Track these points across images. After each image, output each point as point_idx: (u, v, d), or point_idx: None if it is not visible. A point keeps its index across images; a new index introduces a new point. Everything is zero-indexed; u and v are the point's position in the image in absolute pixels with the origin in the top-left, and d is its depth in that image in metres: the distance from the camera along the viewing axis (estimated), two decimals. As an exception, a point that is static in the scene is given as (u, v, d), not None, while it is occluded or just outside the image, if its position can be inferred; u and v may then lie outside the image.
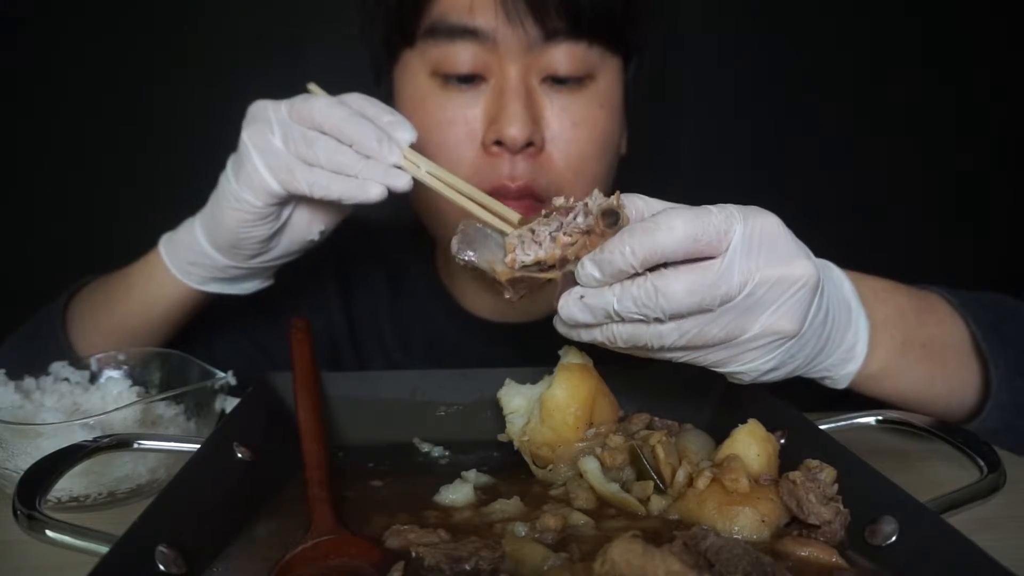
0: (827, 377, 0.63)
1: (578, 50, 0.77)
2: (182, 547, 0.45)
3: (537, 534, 0.52)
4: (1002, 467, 0.55)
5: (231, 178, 0.69)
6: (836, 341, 0.60)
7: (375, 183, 0.65)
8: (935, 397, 0.70)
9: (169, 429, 0.68)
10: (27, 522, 0.47)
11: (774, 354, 0.54)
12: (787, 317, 0.51)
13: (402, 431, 0.71)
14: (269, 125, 0.67)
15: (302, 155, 0.66)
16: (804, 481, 0.52)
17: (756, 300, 0.50)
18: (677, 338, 0.51)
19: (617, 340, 0.54)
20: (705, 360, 0.55)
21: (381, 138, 0.65)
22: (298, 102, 0.67)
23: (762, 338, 0.52)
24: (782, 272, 0.50)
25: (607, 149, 0.82)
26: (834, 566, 0.48)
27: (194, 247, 0.74)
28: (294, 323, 0.74)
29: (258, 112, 0.69)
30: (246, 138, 0.68)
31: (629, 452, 0.60)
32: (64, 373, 0.72)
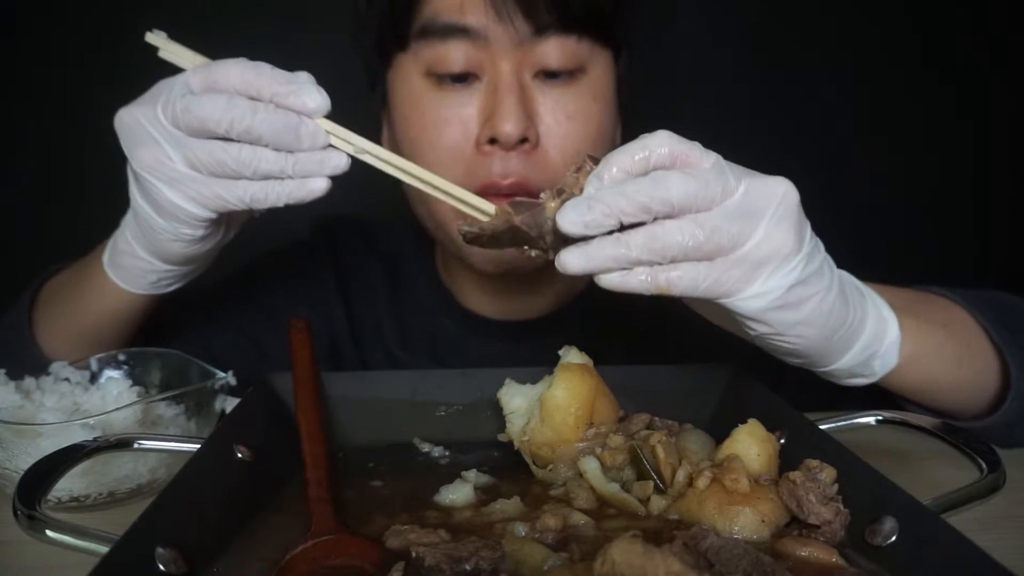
0: (874, 354, 0.62)
1: (568, 43, 0.78)
2: (182, 547, 0.45)
3: (537, 534, 0.52)
4: (1002, 467, 0.55)
5: (152, 214, 0.63)
6: (858, 306, 0.59)
7: (315, 178, 0.59)
8: (963, 382, 0.70)
9: (169, 429, 0.68)
10: (27, 522, 0.47)
11: (790, 273, 0.52)
12: (783, 228, 0.51)
13: (402, 431, 0.70)
14: (159, 147, 0.59)
15: (218, 173, 0.59)
16: (804, 481, 0.52)
17: (753, 203, 0.50)
18: (691, 233, 0.49)
19: (632, 247, 0.50)
20: (725, 282, 0.51)
21: (296, 125, 0.57)
22: (179, 109, 0.57)
23: (767, 249, 0.51)
24: (766, 182, 0.51)
25: (602, 142, 0.83)
26: (834, 566, 0.48)
27: (142, 265, 0.70)
28: (294, 323, 0.74)
29: (133, 129, 0.60)
30: (143, 171, 0.60)
31: (629, 452, 0.60)
32: (64, 373, 0.72)
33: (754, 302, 0.53)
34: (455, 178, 0.75)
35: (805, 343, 0.57)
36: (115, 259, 0.71)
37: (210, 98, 0.57)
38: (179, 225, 0.63)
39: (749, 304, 0.53)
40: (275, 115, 0.57)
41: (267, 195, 0.59)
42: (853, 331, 0.59)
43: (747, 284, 0.52)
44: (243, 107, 0.56)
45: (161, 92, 0.60)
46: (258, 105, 0.57)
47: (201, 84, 0.58)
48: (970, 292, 0.74)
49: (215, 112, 0.56)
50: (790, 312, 0.54)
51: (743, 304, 0.53)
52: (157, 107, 0.59)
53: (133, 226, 0.67)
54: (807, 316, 0.55)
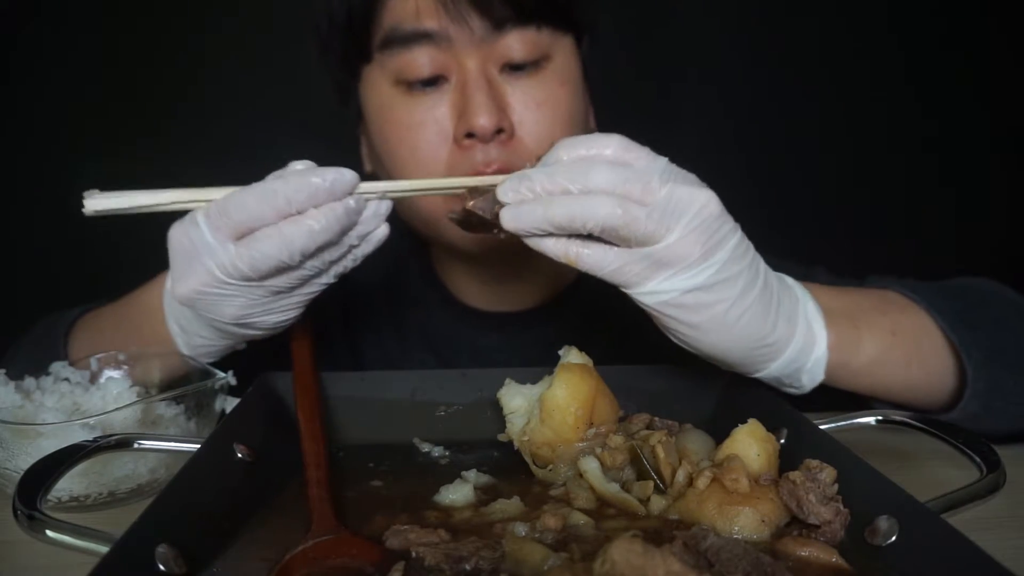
0: (799, 369, 0.64)
1: (529, 34, 0.79)
2: (182, 547, 0.45)
3: (537, 534, 0.52)
4: (1002, 467, 0.55)
5: (256, 333, 0.66)
6: (783, 321, 0.61)
7: (377, 230, 0.62)
8: (916, 384, 0.71)
9: (169, 429, 0.68)
10: (27, 522, 0.47)
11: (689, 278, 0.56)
12: (693, 237, 0.55)
13: (402, 431, 0.71)
14: (237, 298, 0.60)
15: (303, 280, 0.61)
16: (804, 481, 0.52)
17: (673, 207, 0.54)
18: (611, 212, 0.53)
19: (555, 211, 0.54)
20: (627, 273, 0.56)
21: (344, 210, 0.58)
22: (243, 267, 0.57)
23: (678, 250, 0.55)
24: (693, 190, 0.55)
25: (574, 125, 0.84)
26: (834, 566, 0.48)
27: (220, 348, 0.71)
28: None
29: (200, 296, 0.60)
30: (238, 320, 0.62)
31: (629, 452, 0.60)
32: (64, 373, 0.72)
33: (648, 297, 0.57)
34: (438, 176, 0.76)
35: (705, 347, 0.60)
36: (197, 351, 0.72)
37: (267, 243, 0.56)
38: (283, 328, 0.67)
39: (645, 298, 0.58)
40: (329, 217, 0.56)
41: (345, 267, 0.63)
42: (774, 343, 0.62)
43: (645, 280, 0.56)
44: (300, 234, 0.56)
45: (196, 254, 0.58)
46: (305, 220, 0.56)
47: (231, 233, 0.57)
48: (936, 285, 0.75)
49: (283, 254, 0.56)
50: (686, 313, 0.58)
51: (640, 297, 0.58)
52: (214, 272, 0.58)
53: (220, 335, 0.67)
54: (706, 321, 0.58)
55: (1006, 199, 1.87)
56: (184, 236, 0.58)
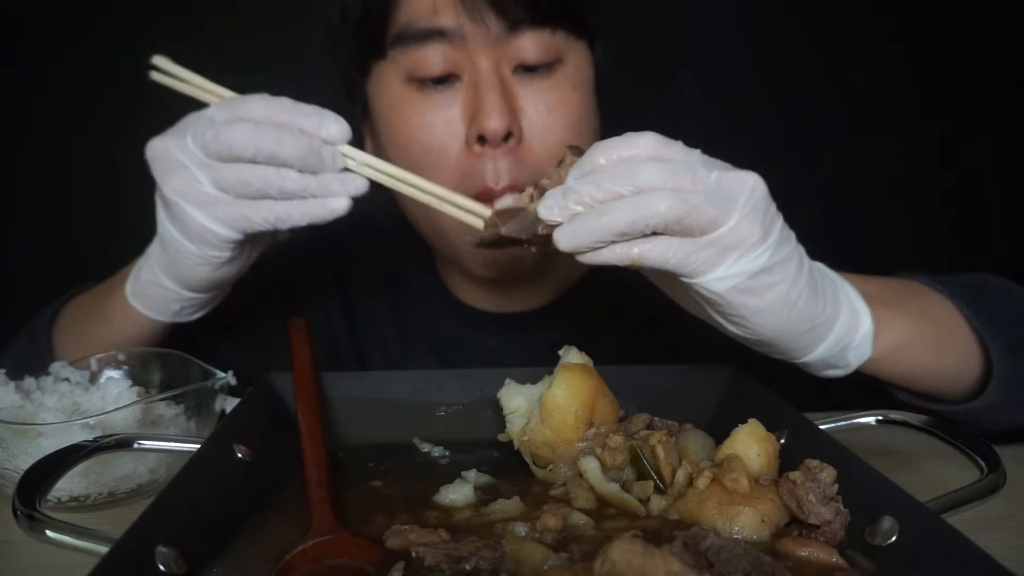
0: (847, 347, 0.63)
1: (543, 36, 0.79)
2: (182, 547, 0.45)
3: (537, 534, 0.52)
4: (1002, 467, 0.55)
5: (180, 238, 0.66)
6: (829, 301, 0.61)
7: (337, 197, 0.62)
8: (945, 370, 0.71)
9: (169, 429, 0.68)
10: (27, 522, 0.47)
11: (755, 259, 0.55)
12: (752, 217, 0.54)
13: (402, 431, 0.70)
14: (189, 173, 0.63)
15: (245, 194, 0.62)
16: (804, 481, 0.52)
17: (727, 190, 0.53)
18: (669, 206, 0.52)
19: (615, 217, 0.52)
20: (694, 261, 0.54)
21: (318, 148, 0.61)
22: (208, 137, 0.61)
23: (740, 233, 0.54)
24: (738, 174, 0.54)
25: (584, 130, 0.83)
26: (834, 566, 0.48)
27: (167, 295, 0.72)
28: (293, 322, 0.74)
29: (164, 158, 0.64)
30: (173, 195, 0.63)
31: (629, 452, 0.59)
32: (64, 373, 0.72)
33: (718, 284, 0.55)
34: (447, 179, 0.77)
35: (769, 331, 0.59)
36: (139, 288, 0.74)
37: (238, 125, 0.61)
38: (207, 248, 0.66)
39: (713, 286, 0.55)
40: (299, 139, 0.61)
41: (290, 214, 0.62)
42: (824, 323, 0.61)
43: (713, 267, 0.54)
44: (269, 133, 0.60)
45: (189, 124, 0.64)
46: (282, 131, 0.61)
47: (227, 117, 0.62)
48: (953, 278, 0.75)
49: (242, 138, 0.60)
50: (752, 297, 0.56)
51: (707, 285, 0.55)
52: (187, 137, 0.63)
53: (159, 256, 0.70)
54: (769, 303, 0.57)
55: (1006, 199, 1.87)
56: (194, 115, 0.64)
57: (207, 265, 0.68)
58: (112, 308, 0.77)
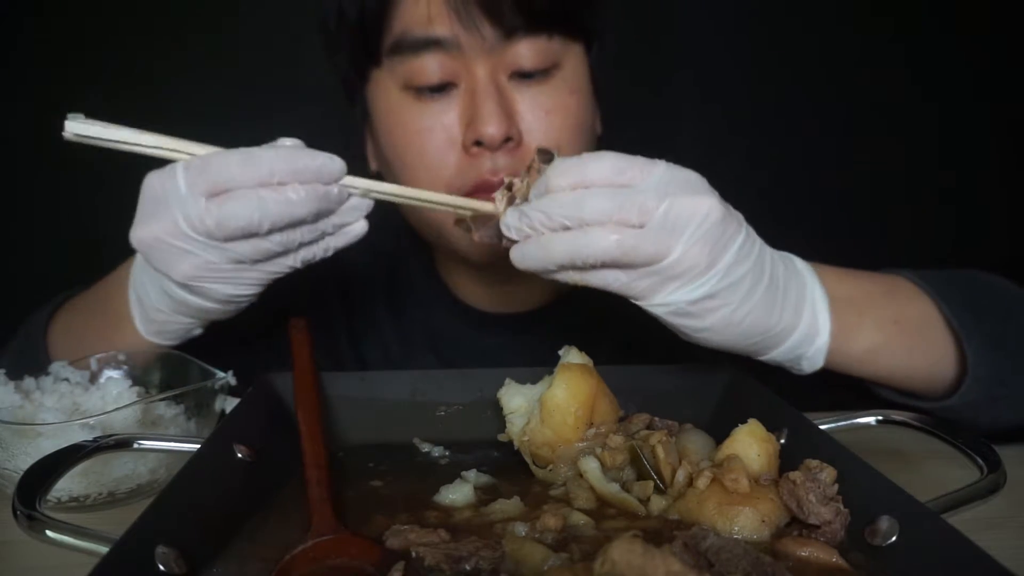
0: (801, 356, 0.66)
1: (539, 43, 0.79)
2: (182, 547, 0.45)
3: (537, 534, 0.52)
4: (1002, 467, 0.55)
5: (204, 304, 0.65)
6: (789, 311, 0.63)
7: (354, 224, 0.63)
8: (916, 372, 0.72)
9: (169, 429, 0.68)
10: (27, 522, 0.47)
11: (696, 288, 0.57)
12: (698, 248, 0.55)
13: (402, 431, 0.71)
14: (197, 257, 0.59)
15: (265, 259, 0.61)
16: (804, 481, 0.52)
17: (675, 221, 0.55)
18: (606, 248, 0.54)
19: (555, 253, 0.56)
20: (636, 288, 0.57)
21: (327, 193, 0.59)
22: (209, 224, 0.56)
23: (684, 264, 0.56)
24: (693, 201, 0.55)
25: (582, 133, 0.84)
26: (834, 566, 0.48)
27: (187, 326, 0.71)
28: (293, 322, 0.74)
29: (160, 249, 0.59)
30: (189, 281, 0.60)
31: (629, 452, 0.60)
32: (64, 373, 0.72)
33: (658, 309, 0.60)
34: (445, 181, 0.77)
35: (713, 345, 0.63)
36: (153, 327, 0.72)
37: (239, 204, 0.56)
38: (235, 306, 0.67)
39: (654, 309, 0.60)
40: (309, 194, 0.57)
41: (314, 254, 0.63)
42: (778, 334, 0.64)
43: (654, 294, 0.58)
44: (278, 204, 0.56)
45: (165, 202, 0.57)
46: (287, 192, 0.57)
47: (207, 189, 0.57)
48: (943, 273, 0.75)
49: (253, 217, 0.56)
50: (691, 320, 0.60)
51: (649, 308, 0.60)
52: (179, 224, 0.57)
53: (168, 306, 0.67)
54: (710, 325, 0.60)
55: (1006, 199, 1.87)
56: (158, 183, 0.58)
57: (237, 310, 0.69)
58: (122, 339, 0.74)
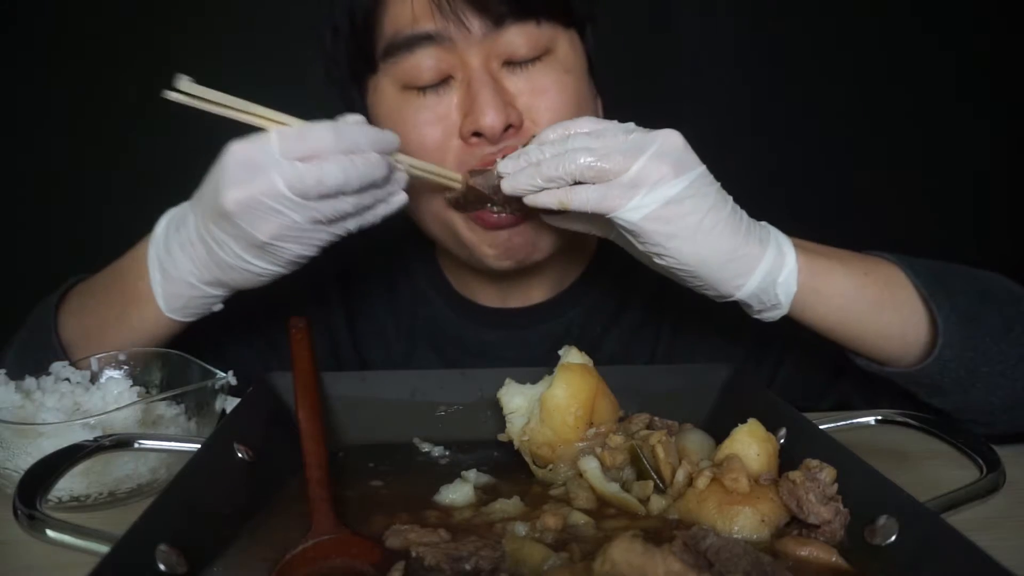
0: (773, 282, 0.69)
1: (529, 29, 0.79)
2: (182, 547, 0.45)
3: (537, 534, 0.52)
4: (1002, 467, 0.55)
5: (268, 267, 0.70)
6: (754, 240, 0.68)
7: (398, 195, 0.71)
8: (888, 330, 0.72)
9: (169, 429, 0.68)
10: (28, 522, 0.47)
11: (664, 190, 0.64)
12: (660, 161, 0.64)
13: (402, 431, 0.71)
14: (285, 217, 0.65)
15: (333, 217, 0.67)
16: (804, 481, 0.52)
17: (638, 145, 0.65)
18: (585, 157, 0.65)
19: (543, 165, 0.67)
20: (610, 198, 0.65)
21: (390, 163, 0.69)
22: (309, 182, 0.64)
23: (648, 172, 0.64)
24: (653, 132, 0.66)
25: (582, 110, 0.83)
26: (834, 566, 0.48)
27: (209, 301, 0.75)
28: (293, 322, 0.74)
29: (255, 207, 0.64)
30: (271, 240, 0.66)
31: (629, 452, 0.60)
32: (65, 373, 0.72)
33: (631, 214, 0.65)
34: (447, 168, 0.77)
35: (686, 256, 0.66)
36: (176, 303, 0.74)
37: (335, 166, 0.64)
38: (293, 267, 0.71)
39: (628, 215, 0.65)
40: (381, 162, 0.67)
41: (367, 220, 0.70)
42: (747, 256, 0.67)
43: (626, 200, 0.65)
44: (364, 165, 0.66)
45: (263, 166, 0.64)
46: (365, 159, 0.66)
47: (302, 152, 0.64)
48: (917, 259, 0.76)
49: (346, 177, 0.65)
50: (663, 225, 0.65)
51: (623, 215, 0.65)
52: (276, 184, 0.63)
53: (207, 274, 0.71)
54: (681, 229, 0.65)
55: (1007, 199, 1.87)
56: (251, 150, 0.64)
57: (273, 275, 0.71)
58: (140, 317, 0.76)
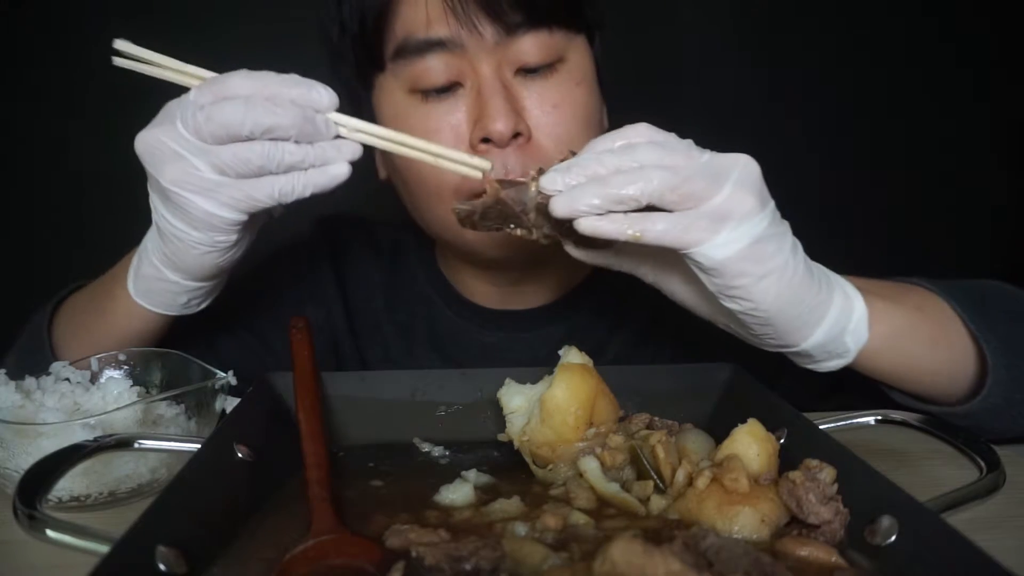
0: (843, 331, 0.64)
1: (541, 37, 0.78)
2: (182, 547, 0.45)
3: (537, 534, 0.52)
4: (1002, 467, 0.56)
5: (186, 228, 0.65)
6: (823, 282, 0.63)
7: (337, 164, 0.64)
8: (941, 365, 0.70)
9: (169, 429, 0.68)
10: (27, 522, 0.47)
11: (753, 227, 0.57)
12: (746, 189, 0.56)
13: (402, 431, 0.71)
14: (186, 161, 0.62)
15: (246, 173, 0.62)
16: (804, 481, 0.52)
17: (718, 167, 0.57)
18: (663, 176, 0.55)
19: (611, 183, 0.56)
20: (693, 230, 0.56)
21: (311, 117, 0.62)
22: (200, 119, 0.60)
23: (735, 202, 0.56)
24: (730, 154, 0.58)
25: (590, 126, 0.83)
26: (834, 566, 0.48)
27: (173, 288, 0.72)
28: (293, 322, 0.74)
29: (156, 149, 0.62)
30: (173, 186, 0.62)
31: (629, 452, 0.60)
32: (65, 373, 0.72)
33: (718, 251, 0.57)
34: (455, 181, 0.76)
35: (768, 303, 0.60)
36: (143, 286, 0.73)
37: (229, 104, 0.60)
38: (214, 234, 0.65)
39: (714, 253, 0.57)
40: (293, 109, 0.61)
41: (294, 187, 0.63)
42: (820, 304, 0.62)
43: (712, 235, 0.56)
44: (262, 107, 0.60)
45: (174, 111, 0.62)
46: (274, 103, 0.60)
47: (212, 98, 0.61)
48: (949, 282, 0.75)
49: (236, 115, 0.60)
50: (752, 265, 0.58)
51: (708, 252, 0.57)
52: (176, 124, 0.61)
53: (159, 250, 0.69)
54: (769, 271, 0.58)
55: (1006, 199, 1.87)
56: (176, 101, 0.63)
57: (214, 252, 0.67)
58: (114, 307, 0.76)
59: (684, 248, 0.57)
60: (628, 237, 0.56)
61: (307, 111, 0.61)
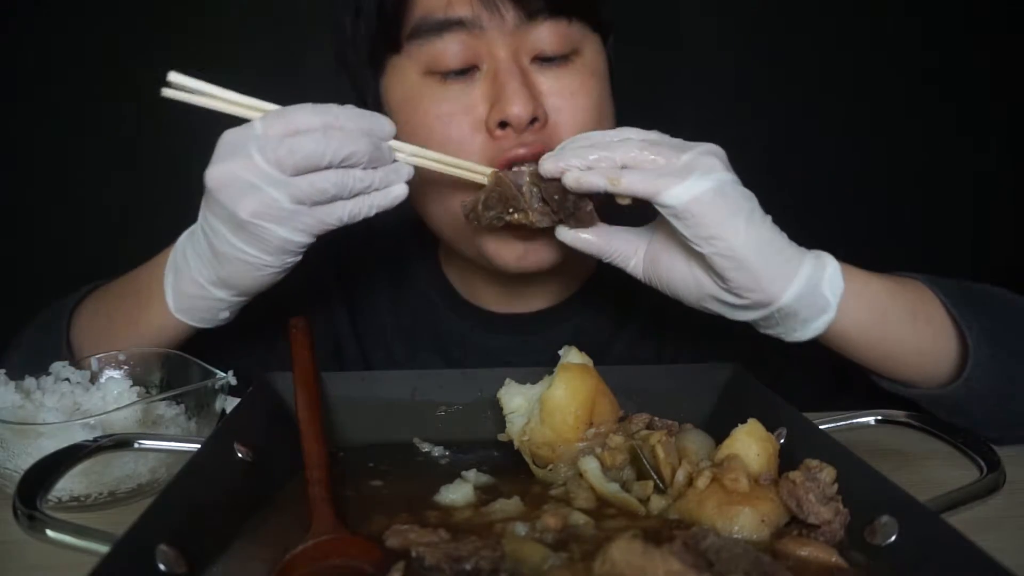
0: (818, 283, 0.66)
1: (560, 27, 0.79)
2: (182, 547, 0.45)
3: (537, 534, 0.52)
4: (1002, 467, 0.55)
5: (259, 254, 0.67)
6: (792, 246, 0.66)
7: (397, 185, 0.68)
8: (923, 343, 0.71)
9: (169, 429, 0.68)
10: (27, 522, 0.47)
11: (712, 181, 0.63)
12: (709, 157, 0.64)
13: (402, 431, 0.71)
14: (264, 193, 0.63)
15: (321, 201, 0.65)
16: (804, 481, 0.52)
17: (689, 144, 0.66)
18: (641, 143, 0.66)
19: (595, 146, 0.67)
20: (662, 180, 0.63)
21: (378, 144, 0.66)
22: (281, 153, 0.63)
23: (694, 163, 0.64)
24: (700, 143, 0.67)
25: (605, 116, 0.84)
26: (834, 566, 0.48)
27: (218, 305, 0.74)
28: (293, 322, 0.74)
29: (233, 183, 0.64)
30: (252, 218, 0.64)
31: (629, 452, 0.60)
32: (65, 373, 0.72)
33: (687, 192, 0.63)
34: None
35: (739, 243, 0.63)
36: (184, 303, 0.74)
37: (309, 136, 0.63)
38: (286, 257, 0.68)
39: (682, 193, 0.63)
40: (365, 138, 0.65)
41: (360, 209, 0.67)
42: (792, 256, 0.65)
43: (680, 180, 0.63)
44: (339, 138, 0.64)
45: (243, 144, 0.63)
46: (345, 133, 0.64)
47: (283, 131, 0.63)
48: (938, 277, 0.75)
49: (319, 147, 0.63)
50: (720, 204, 0.63)
51: (678, 193, 0.63)
52: (253, 157, 0.63)
53: (213, 272, 0.70)
54: (736, 210, 0.63)
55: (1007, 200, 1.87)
56: (236, 133, 0.65)
57: (280, 272, 0.70)
58: (148, 318, 0.76)
59: (655, 194, 0.63)
60: (607, 184, 0.65)
61: (374, 139, 0.66)
